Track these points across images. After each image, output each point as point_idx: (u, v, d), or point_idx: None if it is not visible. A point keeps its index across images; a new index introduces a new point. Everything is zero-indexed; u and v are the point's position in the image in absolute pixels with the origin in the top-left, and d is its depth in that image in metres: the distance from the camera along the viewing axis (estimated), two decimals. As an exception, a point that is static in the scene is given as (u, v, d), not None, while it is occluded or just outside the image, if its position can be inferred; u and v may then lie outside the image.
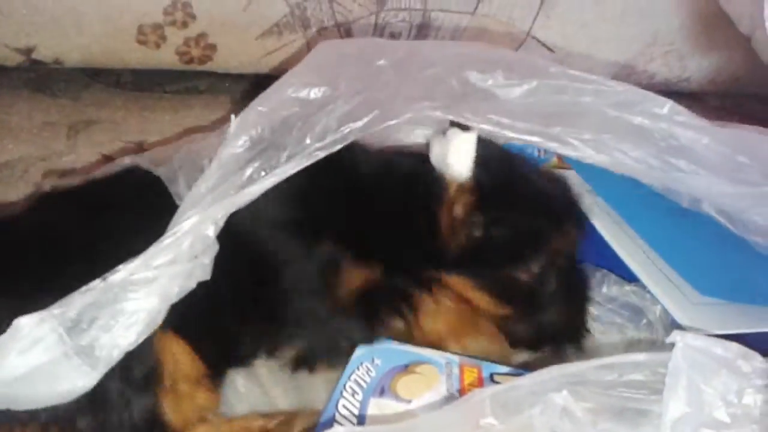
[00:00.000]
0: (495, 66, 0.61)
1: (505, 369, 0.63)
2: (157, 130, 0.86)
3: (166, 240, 0.53)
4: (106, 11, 0.84)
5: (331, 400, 0.61)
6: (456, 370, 0.63)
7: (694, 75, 0.96)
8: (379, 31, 0.90)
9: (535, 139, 0.60)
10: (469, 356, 0.65)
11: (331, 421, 0.59)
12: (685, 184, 0.62)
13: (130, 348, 0.52)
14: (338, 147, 0.57)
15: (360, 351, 0.64)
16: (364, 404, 0.60)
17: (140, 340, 0.52)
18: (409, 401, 0.60)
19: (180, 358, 0.59)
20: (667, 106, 0.60)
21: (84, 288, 0.50)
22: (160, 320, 0.53)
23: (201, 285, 0.56)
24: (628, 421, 0.45)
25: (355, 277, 0.64)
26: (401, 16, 0.89)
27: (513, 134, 0.60)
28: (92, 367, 0.51)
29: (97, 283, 0.51)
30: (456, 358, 0.64)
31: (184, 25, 0.86)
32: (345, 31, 0.89)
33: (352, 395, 0.61)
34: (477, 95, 0.61)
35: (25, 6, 0.83)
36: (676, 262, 0.64)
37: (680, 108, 0.60)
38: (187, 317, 0.57)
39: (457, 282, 0.65)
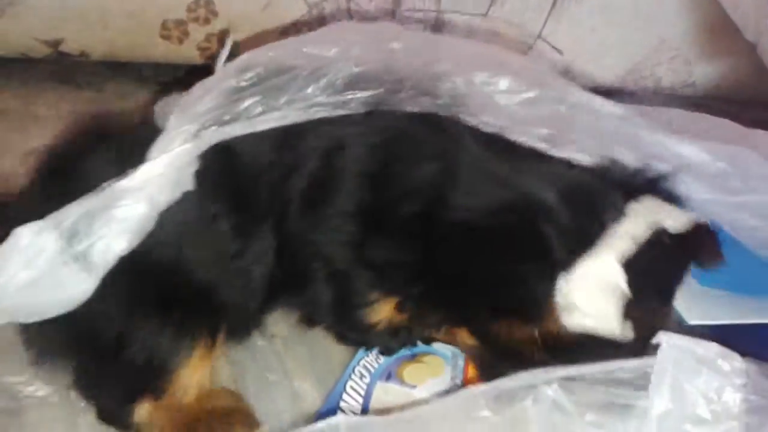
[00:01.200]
0: (502, 71, 0.62)
1: None
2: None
3: (158, 158, 0.55)
4: (131, 7, 0.87)
5: (340, 381, 0.64)
6: (461, 362, 0.66)
7: (699, 80, 0.98)
8: (394, 30, 0.93)
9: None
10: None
11: (338, 400, 0.62)
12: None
13: (123, 253, 0.55)
14: (338, 113, 0.58)
15: None
16: (370, 387, 0.64)
17: (133, 246, 0.55)
18: (414, 386, 0.64)
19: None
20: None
21: (79, 199, 0.54)
22: (149, 227, 0.56)
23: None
24: (615, 414, 0.48)
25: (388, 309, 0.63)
26: (416, 17, 0.92)
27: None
28: (89, 273, 0.54)
29: (90, 195, 0.54)
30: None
31: (207, 21, 0.89)
32: (361, 30, 0.92)
33: (360, 378, 0.64)
34: (479, 97, 0.61)
35: (53, 0, 0.86)
36: None
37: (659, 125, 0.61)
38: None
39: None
